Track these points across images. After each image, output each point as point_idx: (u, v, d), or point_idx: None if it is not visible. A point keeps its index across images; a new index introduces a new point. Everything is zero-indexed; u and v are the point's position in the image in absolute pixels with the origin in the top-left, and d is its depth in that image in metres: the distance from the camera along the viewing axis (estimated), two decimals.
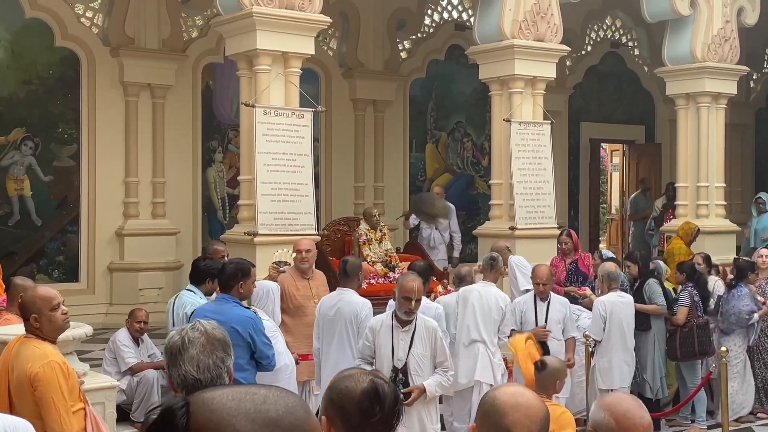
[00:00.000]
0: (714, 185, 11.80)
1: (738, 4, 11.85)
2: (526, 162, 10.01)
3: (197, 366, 2.80)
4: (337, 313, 6.42)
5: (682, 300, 8.26)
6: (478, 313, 7.03)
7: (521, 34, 9.85)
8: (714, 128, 11.82)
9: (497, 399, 2.35)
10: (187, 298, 6.22)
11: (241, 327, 5.21)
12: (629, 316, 7.61)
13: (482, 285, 7.27)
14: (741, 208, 16.06)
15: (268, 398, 1.30)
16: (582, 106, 15.84)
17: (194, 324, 2.94)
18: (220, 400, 1.29)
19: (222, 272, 5.57)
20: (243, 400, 1.29)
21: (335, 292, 6.70)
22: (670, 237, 11.66)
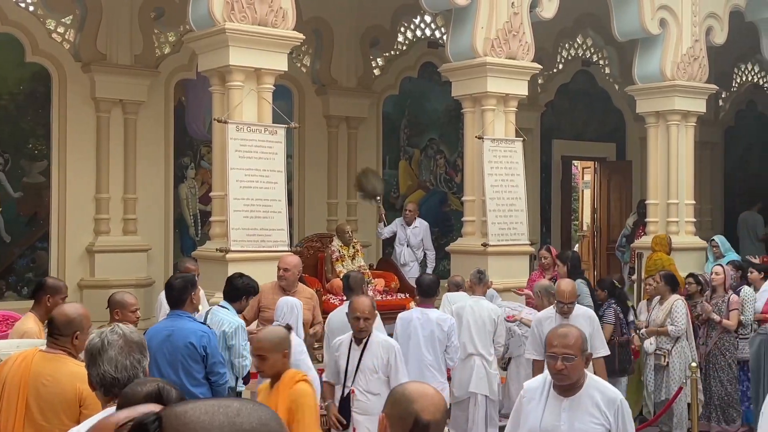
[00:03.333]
0: (684, 202, 11.93)
1: (707, 24, 12.02)
2: (498, 179, 10.06)
3: (115, 366, 3.08)
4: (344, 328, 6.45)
5: (607, 317, 8.32)
6: (472, 327, 7.39)
7: (493, 51, 9.92)
8: (683, 146, 11.95)
9: (406, 389, 2.67)
10: (223, 315, 6.19)
11: (196, 341, 5.25)
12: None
13: (474, 300, 7.62)
14: (710, 225, 16.24)
15: (241, 411, 1.30)
16: (554, 124, 15.95)
17: (113, 327, 3.21)
18: (193, 413, 1.28)
19: (171, 288, 5.53)
20: (216, 413, 1.28)
21: (342, 306, 6.96)
22: (642, 253, 11.76)
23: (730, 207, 18.01)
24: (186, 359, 5.28)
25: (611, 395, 3.96)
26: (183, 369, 5.18)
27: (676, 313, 8.63)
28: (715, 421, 8.80)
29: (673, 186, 11.88)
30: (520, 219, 10.23)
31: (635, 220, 14.09)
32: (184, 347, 5.27)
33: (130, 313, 5.64)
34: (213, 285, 7.90)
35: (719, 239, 11.65)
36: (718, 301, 9.09)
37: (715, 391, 8.80)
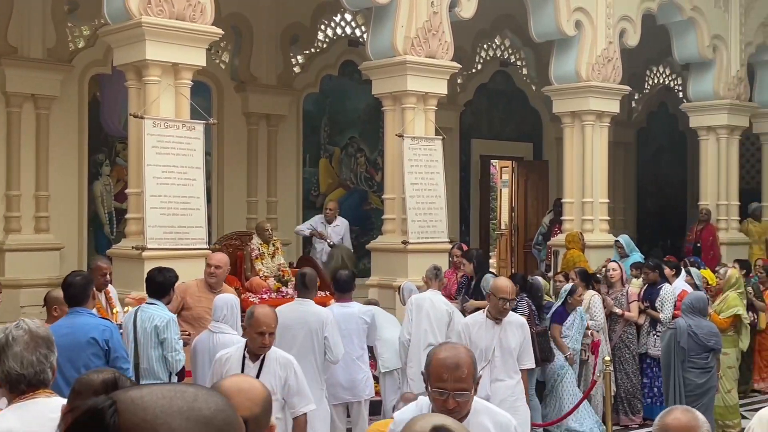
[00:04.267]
0: (598, 201, 12.20)
1: (620, 26, 12.32)
2: (418, 177, 10.12)
3: (21, 362, 3.00)
4: (301, 324, 6.53)
5: (520, 310, 8.51)
6: (432, 318, 7.64)
7: (413, 50, 9.97)
8: (598, 146, 12.22)
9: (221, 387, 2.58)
10: (153, 310, 6.14)
11: (98, 335, 5.20)
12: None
13: (432, 293, 7.89)
14: (623, 224, 16.64)
15: (198, 396, 1.27)
16: (473, 123, 16.13)
17: (18, 323, 3.12)
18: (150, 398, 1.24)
19: (70, 286, 5.43)
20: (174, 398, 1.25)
21: (294, 302, 6.95)
22: (557, 251, 12.01)
23: (642, 205, 18.50)
24: (89, 356, 5.17)
25: (503, 420, 3.42)
26: (85, 366, 5.06)
27: (595, 308, 8.83)
28: (622, 413, 9.04)
29: (587, 185, 12.13)
30: (439, 217, 10.31)
31: (551, 219, 14.35)
32: (87, 343, 5.18)
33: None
34: (129, 284, 7.76)
35: (623, 239, 11.95)
36: (617, 295, 9.35)
37: (621, 383, 9.05)
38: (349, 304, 7.46)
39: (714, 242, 13.67)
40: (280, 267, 9.59)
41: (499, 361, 6.24)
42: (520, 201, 16.97)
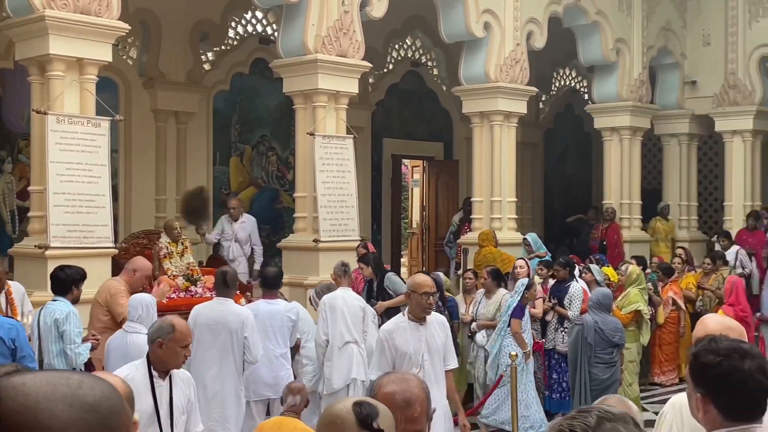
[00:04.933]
0: (506, 200, 12.42)
1: (527, 29, 12.57)
2: (330, 175, 10.13)
3: None
4: (220, 324, 6.46)
5: None
6: (347, 316, 7.58)
7: (324, 49, 9.98)
8: (506, 146, 12.45)
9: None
10: (54, 305, 6.17)
11: (4, 334, 5.13)
12: None
13: (343, 291, 7.81)
14: (531, 223, 16.97)
15: (83, 383, 1.25)
16: (384, 123, 16.22)
17: None
18: (33, 384, 1.22)
19: None
20: (58, 385, 1.22)
21: (213, 302, 6.85)
22: (467, 249, 12.19)
23: (549, 204, 18.90)
24: None
25: None
26: None
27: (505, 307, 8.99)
28: None
29: (496, 184, 12.34)
30: (351, 215, 10.34)
31: (461, 217, 14.54)
32: None
33: None
34: (31, 283, 7.55)
35: (531, 237, 12.23)
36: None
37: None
38: (275, 301, 7.49)
39: (618, 240, 14.07)
40: (189, 266, 9.46)
41: (428, 365, 5.71)
42: (431, 200, 17.14)
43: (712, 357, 2.63)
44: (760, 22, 14.61)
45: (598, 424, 1.78)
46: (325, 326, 7.55)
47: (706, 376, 2.64)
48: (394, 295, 8.93)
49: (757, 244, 13.39)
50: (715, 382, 2.62)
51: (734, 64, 14.89)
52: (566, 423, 1.81)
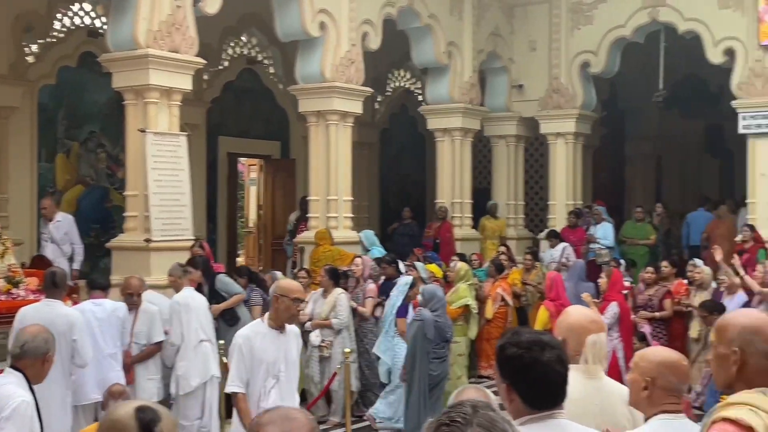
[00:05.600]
0: (343, 199, 12.54)
1: (363, 30, 12.73)
2: (162, 174, 9.89)
3: None
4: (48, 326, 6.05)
5: (254, 300, 9.16)
6: (201, 314, 7.68)
7: (156, 44, 9.73)
8: (342, 145, 12.57)
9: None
10: None
11: None
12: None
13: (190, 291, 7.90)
14: (367, 221, 17.19)
15: None
16: (220, 121, 16.00)
17: None
18: None
19: None
20: None
21: (41, 303, 6.62)
22: (303, 248, 12.23)
23: (385, 203, 19.20)
24: None
25: None
26: None
27: (340, 306, 9.07)
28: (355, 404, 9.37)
29: (332, 183, 12.44)
30: (184, 214, 10.14)
31: (298, 216, 14.56)
32: None
33: None
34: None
35: (363, 234, 12.44)
36: (358, 290, 9.70)
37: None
38: (102, 302, 7.36)
39: (450, 238, 14.48)
40: (10, 267, 9.02)
41: (284, 377, 5.41)
42: (268, 199, 17.07)
43: (515, 349, 2.78)
44: (582, 30, 15.39)
45: (474, 413, 1.86)
46: (180, 328, 7.54)
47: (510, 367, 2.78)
48: (227, 296, 8.89)
49: (578, 242, 14.11)
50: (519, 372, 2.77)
51: (558, 70, 15.63)
52: (444, 416, 1.88)
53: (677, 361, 3.29)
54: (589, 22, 15.30)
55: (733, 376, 2.81)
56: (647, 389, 3.21)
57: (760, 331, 2.81)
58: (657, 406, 3.20)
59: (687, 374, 3.30)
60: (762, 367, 2.77)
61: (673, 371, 3.23)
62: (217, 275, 9.19)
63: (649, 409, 3.24)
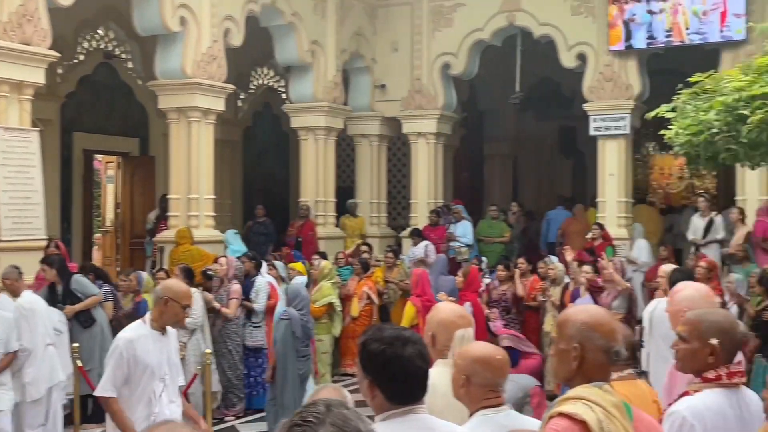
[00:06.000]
0: (204, 197, 12.35)
1: (225, 26, 12.57)
2: (12, 170, 9.49)
3: None
4: None
5: (106, 295, 9.13)
6: (45, 318, 7.62)
7: (6, 35, 9.32)
8: (204, 143, 12.37)
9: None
10: None
11: None
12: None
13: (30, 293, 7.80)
14: (230, 220, 17.00)
15: None
16: (75, 116, 15.46)
17: None
18: None
19: None
20: None
21: None
22: (163, 247, 11.98)
23: (248, 202, 19.02)
24: None
25: None
26: None
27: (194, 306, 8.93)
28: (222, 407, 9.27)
29: (194, 181, 12.23)
30: (36, 213, 9.75)
31: (158, 215, 14.25)
32: None
33: None
34: None
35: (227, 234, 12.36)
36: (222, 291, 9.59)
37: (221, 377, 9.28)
38: None
39: (313, 237, 14.50)
40: None
41: (169, 379, 5.30)
42: (126, 197, 16.61)
43: (377, 345, 2.81)
44: (443, 32, 15.71)
45: (328, 411, 1.86)
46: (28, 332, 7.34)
47: (373, 362, 2.82)
48: (83, 297, 8.65)
49: (438, 240, 14.40)
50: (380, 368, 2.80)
51: (419, 71, 15.90)
52: (297, 416, 1.87)
53: (491, 356, 3.32)
54: (450, 25, 15.63)
55: (573, 371, 2.90)
56: (464, 386, 3.26)
57: (598, 327, 2.91)
58: (477, 402, 3.26)
59: (503, 368, 3.33)
60: (600, 362, 2.89)
61: (486, 367, 3.27)
62: (73, 275, 8.90)
63: (470, 405, 3.29)
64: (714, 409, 3.30)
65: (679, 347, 3.50)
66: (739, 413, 3.30)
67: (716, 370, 3.36)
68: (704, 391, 3.37)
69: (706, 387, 3.38)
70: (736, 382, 3.38)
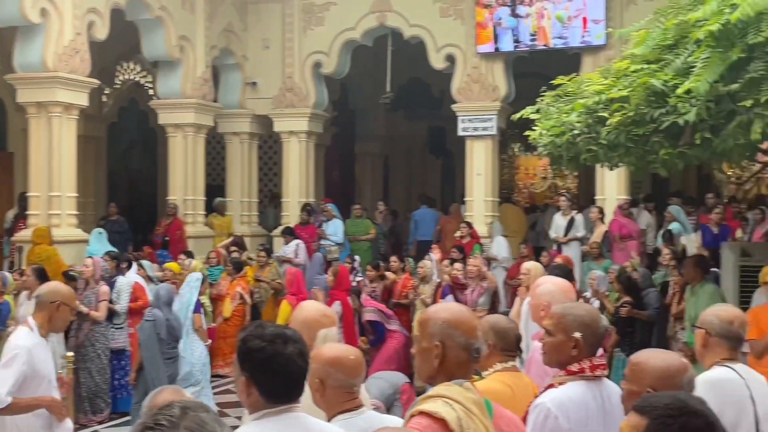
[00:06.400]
0: (66, 195, 11.91)
1: (88, 18, 12.16)
2: None
3: None
4: None
5: None
6: None
7: None
8: (66, 139, 11.93)
9: None
10: None
11: None
12: None
13: None
14: (93, 218, 16.46)
15: None
16: None
17: None
18: None
19: None
20: None
21: None
22: (22, 247, 11.51)
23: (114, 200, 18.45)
24: None
25: None
26: None
27: None
28: (82, 412, 8.97)
29: (55, 179, 11.77)
30: None
31: (16, 213, 13.67)
32: None
33: None
34: None
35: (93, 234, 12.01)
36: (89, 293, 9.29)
37: (83, 383, 8.97)
38: None
39: (182, 236, 14.21)
40: None
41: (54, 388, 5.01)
42: None
43: (258, 341, 2.78)
44: (314, 30, 15.68)
45: (183, 415, 1.80)
46: None
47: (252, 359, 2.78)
48: None
49: (309, 238, 14.37)
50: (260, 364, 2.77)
51: (291, 69, 15.81)
52: (150, 419, 1.80)
53: (344, 356, 3.29)
54: (321, 24, 15.62)
55: (435, 369, 2.93)
56: (319, 390, 3.23)
57: (459, 325, 2.96)
58: (335, 406, 3.23)
59: (357, 368, 3.29)
60: (461, 359, 2.93)
61: (339, 368, 3.24)
62: None
63: (328, 410, 3.24)
64: (577, 400, 3.40)
65: (545, 341, 3.61)
66: (602, 404, 3.42)
67: (580, 363, 3.47)
68: (568, 384, 3.46)
69: (570, 379, 3.48)
70: (599, 375, 3.50)
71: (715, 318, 3.89)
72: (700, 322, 3.96)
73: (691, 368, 3.19)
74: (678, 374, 3.10)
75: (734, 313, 3.96)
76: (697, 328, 3.98)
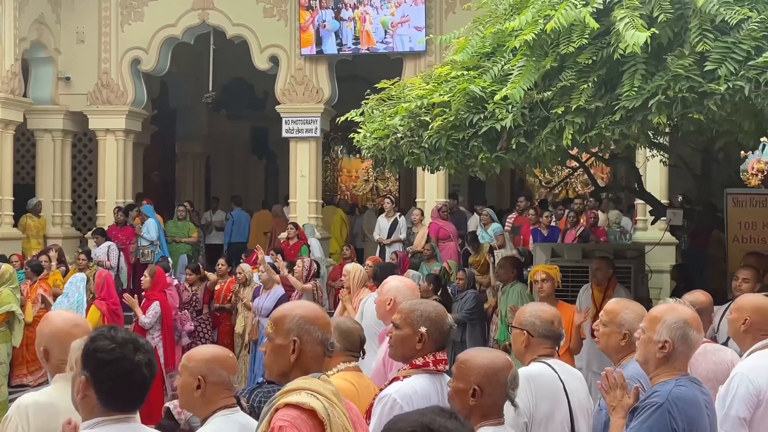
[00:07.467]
0: None
1: None
2: None
3: None
4: None
5: None
6: None
7: None
8: None
9: None
10: None
11: None
12: None
13: None
14: None
15: None
16: None
17: None
18: None
19: None
20: None
21: None
22: None
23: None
24: None
25: None
26: None
27: None
28: None
29: None
30: None
31: None
32: None
33: None
34: None
35: None
36: None
37: None
38: None
39: None
40: None
41: None
42: None
43: (107, 342, 2.72)
44: (132, 26, 15.19)
45: None
46: None
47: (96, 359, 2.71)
48: None
49: (126, 240, 13.91)
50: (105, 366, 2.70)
51: (107, 64, 15.26)
52: None
53: (225, 356, 3.38)
54: (140, 19, 15.17)
55: (291, 365, 3.01)
56: (200, 388, 3.22)
57: (316, 320, 3.07)
58: (213, 403, 3.24)
59: (235, 367, 3.40)
60: (317, 353, 3.04)
61: (222, 365, 3.29)
62: None
63: (205, 409, 3.25)
64: (420, 392, 3.56)
65: (392, 334, 3.74)
66: (443, 397, 3.55)
67: (424, 357, 3.65)
68: (413, 376, 3.63)
69: (414, 372, 3.64)
70: (441, 369, 3.69)
71: (537, 319, 4.05)
72: (520, 323, 4.10)
73: (515, 366, 3.33)
74: (502, 371, 3.25)
75: (552, 312, 4.13)
76: (516, 329, 4.12)
